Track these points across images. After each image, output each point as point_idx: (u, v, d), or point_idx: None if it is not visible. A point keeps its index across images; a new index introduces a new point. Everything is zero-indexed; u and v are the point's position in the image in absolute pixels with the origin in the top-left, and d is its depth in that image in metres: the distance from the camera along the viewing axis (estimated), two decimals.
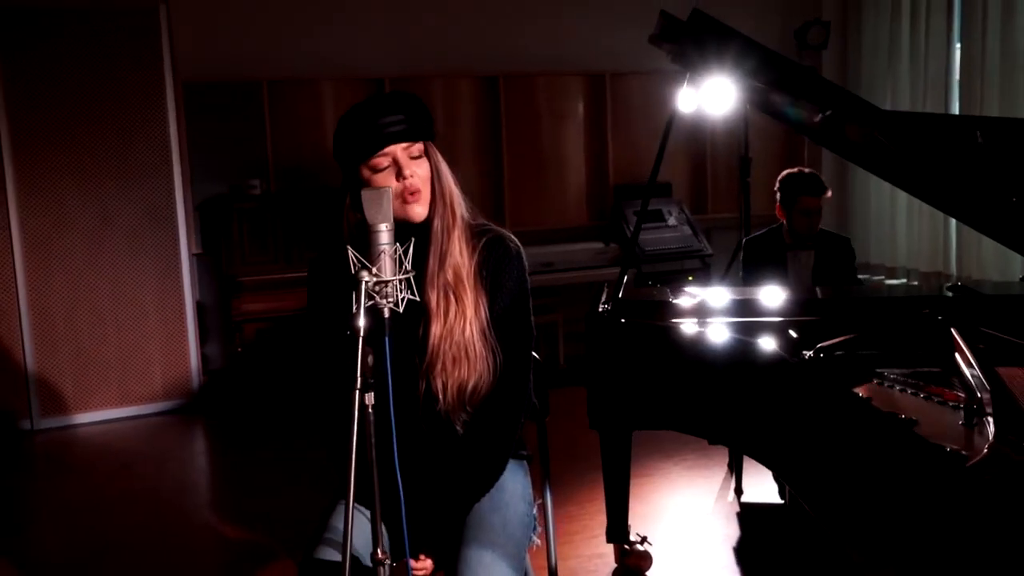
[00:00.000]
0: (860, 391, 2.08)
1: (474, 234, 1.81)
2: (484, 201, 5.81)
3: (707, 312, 2.74)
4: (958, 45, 5.17)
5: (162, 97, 4.85)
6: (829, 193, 3.60)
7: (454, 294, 1.72)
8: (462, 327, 1.71)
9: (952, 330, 2.31)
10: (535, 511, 1.88)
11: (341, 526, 1.64)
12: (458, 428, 1.76)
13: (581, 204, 6.06)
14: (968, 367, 2.04)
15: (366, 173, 1.69)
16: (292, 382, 4.89)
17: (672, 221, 5.83)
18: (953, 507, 1.45)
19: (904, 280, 5.61)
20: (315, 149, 5.28)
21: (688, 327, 2.50)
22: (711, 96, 4.24)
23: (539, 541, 1.89)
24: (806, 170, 3.64)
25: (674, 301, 2.80)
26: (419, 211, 1.73)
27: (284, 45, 5.30)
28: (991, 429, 1.67)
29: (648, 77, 5.89)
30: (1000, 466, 1.49)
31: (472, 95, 5.69)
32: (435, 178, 1.74)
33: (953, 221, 5.24)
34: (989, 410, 1.74)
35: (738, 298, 2.86)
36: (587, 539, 3.26)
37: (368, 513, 1.61)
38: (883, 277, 5.82)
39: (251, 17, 5.26)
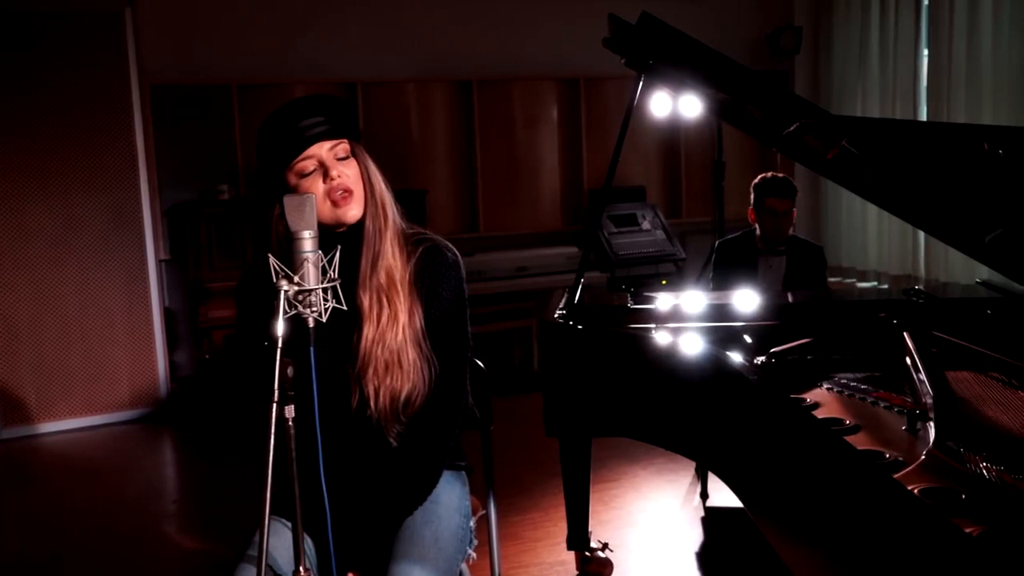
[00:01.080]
0: (808, 396, 2.07)
1: (410, 242, 1.77)
2: (458, 206, 5.80)
3: (665, 318, 2.73)
4: (926, 51, 5.19)
5: (128, 100, 4.79)
6: (796, 198, 3.60)
7: (387, 297, 1.68)
8: (395, 332, 1.67)
9: (905, 334, 2.30)
10: (472, 524, 1.85)
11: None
12: (392, 440, 1.72)
13: (555, 209, 6.05)
14: (916, 371, 2.03)
15: (293, 180, 1.66)
16: (220, 396, 4.87)
17: (646, 225, 5.82)
18: (881, 518, 1.44)
19: (875, 283, 5.63)
20: None
21: (644, 335, 2.48)
22: (684, 99, 4.25)
23: (475, 555, 1.86)
24: (779, 175, 3.64)
25: (631, 306, 2.78)
26: (353, 212, 1.69)
27: (255, 48, 5.26)
28: (932, 435, 1.65)
29: (622, 82, 5.88)
30: (936, 473, 1.48)
31: (446, 100, 5.67)
32: (366, 178, 1.70)
33: None
34: (932, 415, 1.73)
35: (697, 304, 2.84)
36: (550, 546, 3.24)
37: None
38: (854, 280, 5.84)
39: (220, 20, 5.23)
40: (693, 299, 2.93)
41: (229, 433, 4.69)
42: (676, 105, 4.41)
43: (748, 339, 2.45)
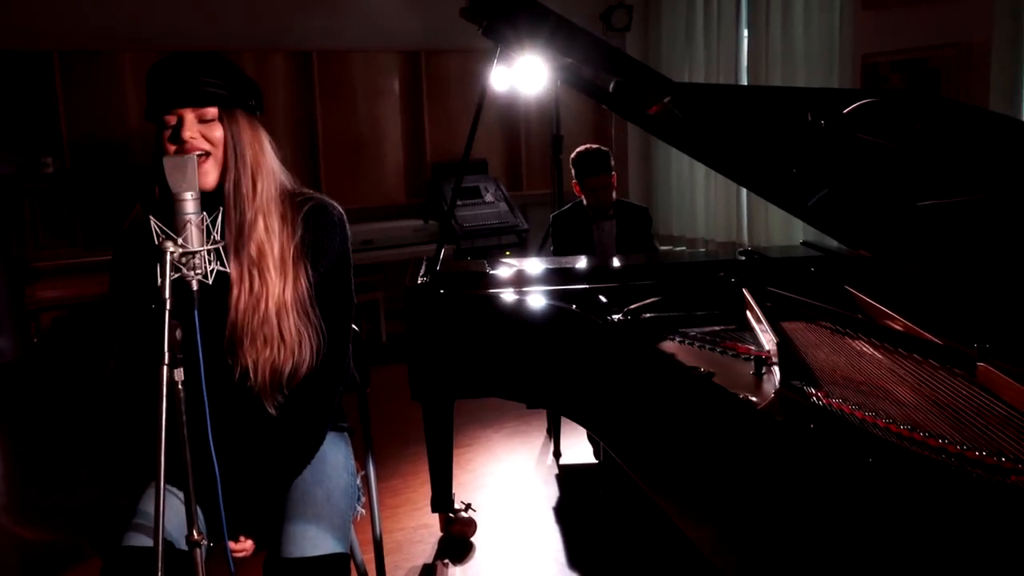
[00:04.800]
0: (664, 348, 2.23)
1: (295, 204, 1.75)
2: (300, 180, 5.63)
3: (523, 282, 2.83)
4: (746, 31, 5.55)
5: None
6: (614, 172, 3.78)
7: (258, 269, 1.65)
8: (268, 303, 1.65)
9: (744, 290, 2.50)
10: (359, 481, 1.88)
11: (150, 510, 1.58)
12: (271, 410, 1.70)
13: (399, 182, 6.05)
14: (757, 323, 2.22)
15: (160, 133, 1.61)
16: (96, 365, 4.59)
17: (489, 198, 5.93)
18: (749, 448, 1.59)
19: (704, 250, 5.99)
20: (115, 125, 4.96)
21: (505, 296, 2.57)
22: (525, 75, 4.35)
23: (364, 511, 1.89)
24: (593, 147, 3.80)
25: (491, 272, 2.86)
26: (206, 179, 1.62)
27: (77, 14, 4.92)
28: (776, 377, 1.83)
29: (464, 55, 5.94)
30: (786, 408, 1.65)
31: (285, 71, 5.52)
32: (230, 144, 1.65)
33: (744, 194, 5.67)
34: (775, 360, 1.90)
35: (552, 267, 2.96)
36: (411, 511, 3.29)
37: (181, 495, 1.54)
38: (684, 248, 6.19)
39: None
40: (548, 265, 3.05)
41: (61, 417, 4.44)
42: (516, 80, 4.52)
43: (603, 299, 2.59)
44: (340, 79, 5.70)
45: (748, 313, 2.40)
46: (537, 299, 2.51)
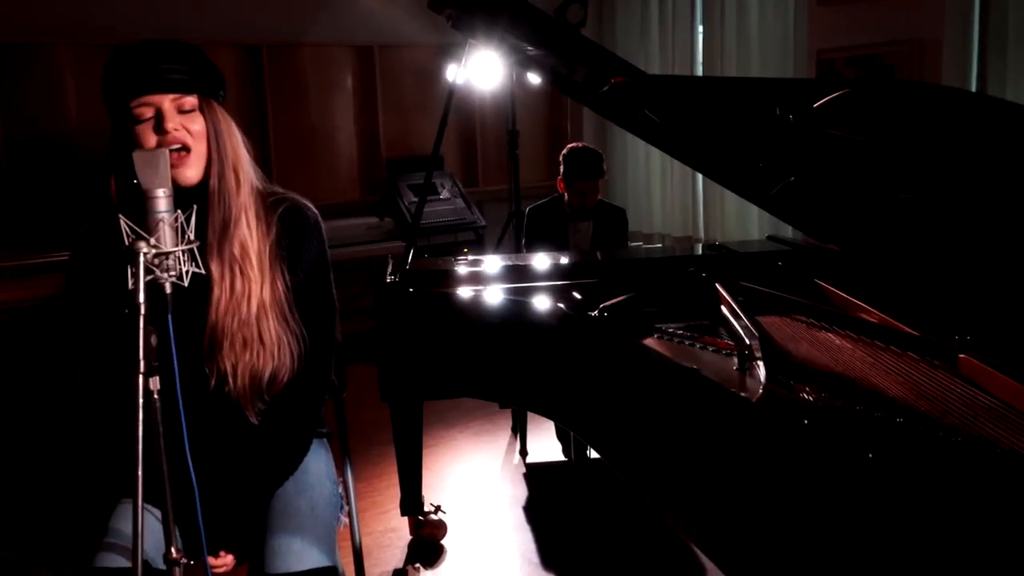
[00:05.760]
0: (646, 345, 2.19)
1: (269, 205, 1.67)
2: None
3: (494, 279, 2.78)
4: (701, 26, 5.57)
5: None
6: (605, 176, 3.74)
7: (240, 268, 1.57)
8: (250, 304, 1.57)
9: (716, 285, 2.49)
10: (340, 489, 1.81)
11: (124, 528, 1.49)
12: (252, 419, 1.63)
13: (353, 179, 5.93)
14: (736, 318, 2.20)
15: (130, 125, 1.52)
16: (54, 376, 4.39)
17: (445, 194, 5.86)
18: (747, 443, 1.57)
19: (660, 245, 6.00)
20: (55, 121, 4.76)
21: (478, 294, 2.51)
22: (480, 69, 4.28)
23: (347, 520, 1.83)
24: (587, 147, 3.73)
25: (461, 269, 2.81)
26: (189, 174, 1.56)
27: (11, 6, 4.71)
28: (762, 372, 1.81)
29: (417, 50, 5.86)
30: (777, 402, 1.63)
31: (234, 65, 5.37)
32: (212, 136, 1.57)
33: (700, 189, 5.69)
34: (758, 355, 1.88)
35: (523, 264, 2.92)
36: (378, 515, 3.22)
37: (158, 511, 1.45)
38: (640, 243, 6.20)
39: None
40: (517, 261, 3.00)
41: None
42: (472, 75, 4.46)
43: (577, 296, 2.55)
44: (291, 74, 5.56)
45: (723, 308, 2.39)
46: (510, 296, 2.46)
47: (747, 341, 2.00)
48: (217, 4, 5.32)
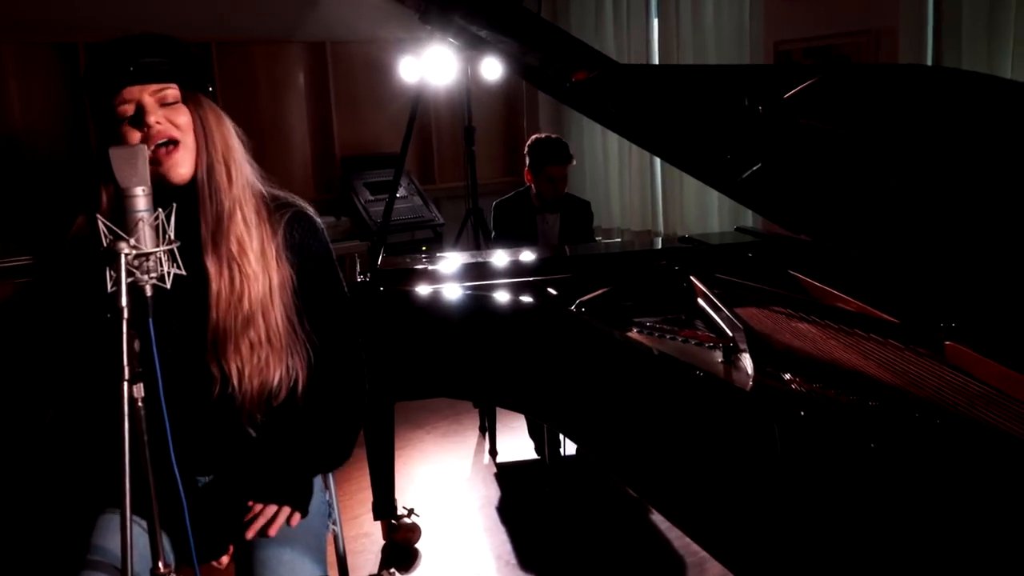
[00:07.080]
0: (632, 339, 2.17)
1: (268, 205, 1.61)
2: None
3: (468, 276, 2.73)
4: (656, 20, 5.58)
5: None
6: (574, 161, 3.73)
7: (238, 264, 1.50)
8: (251, 300, 1.50)
9: (692, 278, 2.47)
10: (327, 497, 1.75)
11: (106, 543, 1.41)
12: (250, 431, 1.56)
13: (307, 177, 5.82)
14: (716, 310, 2.19)
15: (115, 127, 1.44)
16: (29, 386, 4.21)
17: (402, 192, 5.78)
18: (745, 439, 1.55)
19: (620, 240, 6.01)
20: None
21: (452, 291, 2.46)
22: (436, 66, 4.23)
23: (335, 528, 1.77)
24: (553, 136, 3.73)
25: (432, 268, 2.76)
26: (181, 170, 1.49)
27: None
28: (748, 363, 1.79)
29: (371, 45, 5.76)
30: (769, 393, 1.61)
31: None
32: (199, 129, 1.50)
33: (659, 184, 5.69)
34: (743, 347, 1.87)
35: (496, 261, 2.88)
36: (349, 520, 3.15)
37: (144, 523, 1.36)
38: (601, 238, 6.19)
39: None
40: (489, 258, 2.96)
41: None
42: (427, 71, 4.40)
43: (553, 291, 2.52)
44: (241, 71, 5.43)
45: (701, 301, 2.37)
46: (485, 293, 2.42)
47: (730, 333, 1.99)
48: (164, 0, 5.17)
